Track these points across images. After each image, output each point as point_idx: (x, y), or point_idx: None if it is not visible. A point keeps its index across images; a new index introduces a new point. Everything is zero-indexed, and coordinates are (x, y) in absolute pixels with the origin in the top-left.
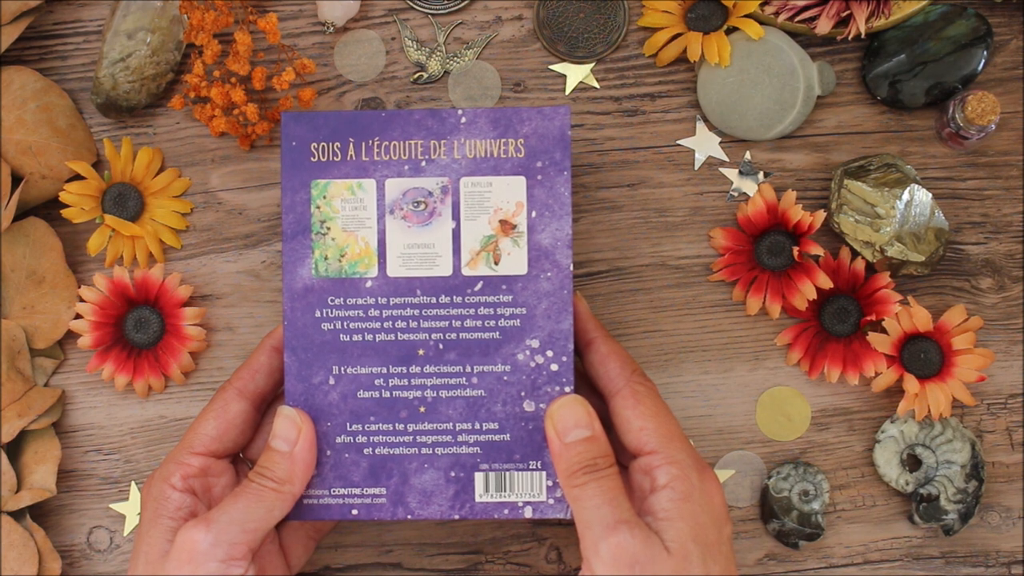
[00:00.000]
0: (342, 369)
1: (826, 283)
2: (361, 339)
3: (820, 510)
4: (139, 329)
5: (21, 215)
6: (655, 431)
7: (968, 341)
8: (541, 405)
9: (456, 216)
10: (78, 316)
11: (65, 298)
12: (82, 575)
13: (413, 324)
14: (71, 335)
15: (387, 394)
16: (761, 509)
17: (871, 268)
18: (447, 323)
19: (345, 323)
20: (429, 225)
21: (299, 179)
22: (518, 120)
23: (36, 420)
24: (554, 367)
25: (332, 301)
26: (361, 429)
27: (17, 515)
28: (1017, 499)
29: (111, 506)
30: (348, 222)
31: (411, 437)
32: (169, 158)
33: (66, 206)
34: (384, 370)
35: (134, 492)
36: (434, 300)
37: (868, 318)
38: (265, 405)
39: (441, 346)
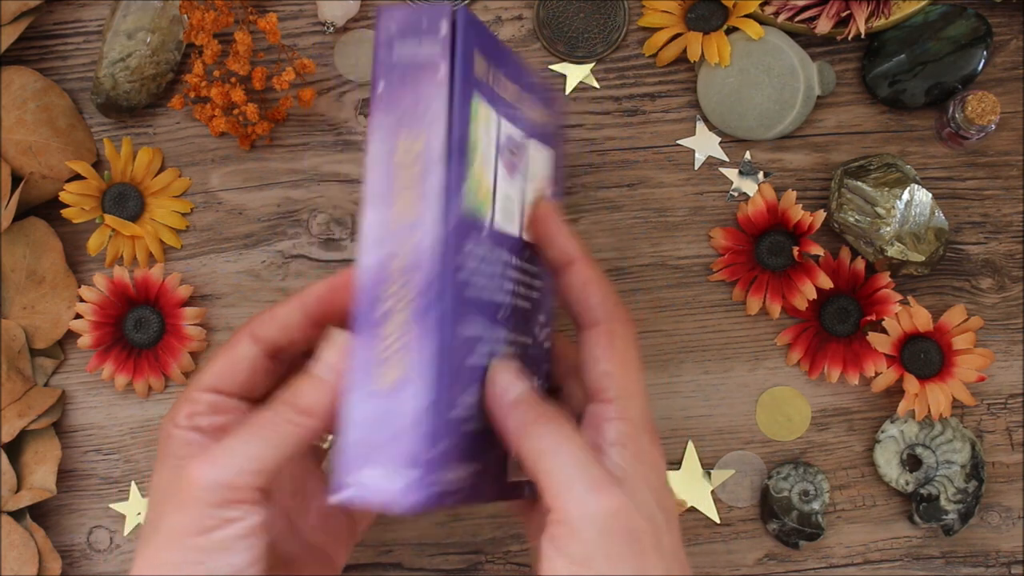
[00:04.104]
0: (459, 329)
1: (826, 283)
2: (475, 296)
3: (820, 510)
4: (139, 329)
5: (21, 215)
6: (619, 379)
7: (968, 341)
8: (540, 383)
9: (525, 176)
10: (78, 316)
11: (65, 298)
12: (82, 575)
13: (499, 284)
14: (71, 335)
15: (483, 362)
16: (761, 509)
17: (871, 268)
18: (513, 287)
19: (469, 275)
20: (514, 179)
21: (466, 89)
22: (551, 94)
23: (36, 420)
24: (547, 345)
25: (465, 246)
26: (463, 401)
27: (17, 515)
28: (1017, 499)
29: (111, 506)
30: (486, 154)
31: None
32: (169, 158)
33: (66, 206)
34: (484, 334)
35: (134, 492)
36: (512, 260)
37: (868, 318)
38: (282, 358)
39: (508, 311)
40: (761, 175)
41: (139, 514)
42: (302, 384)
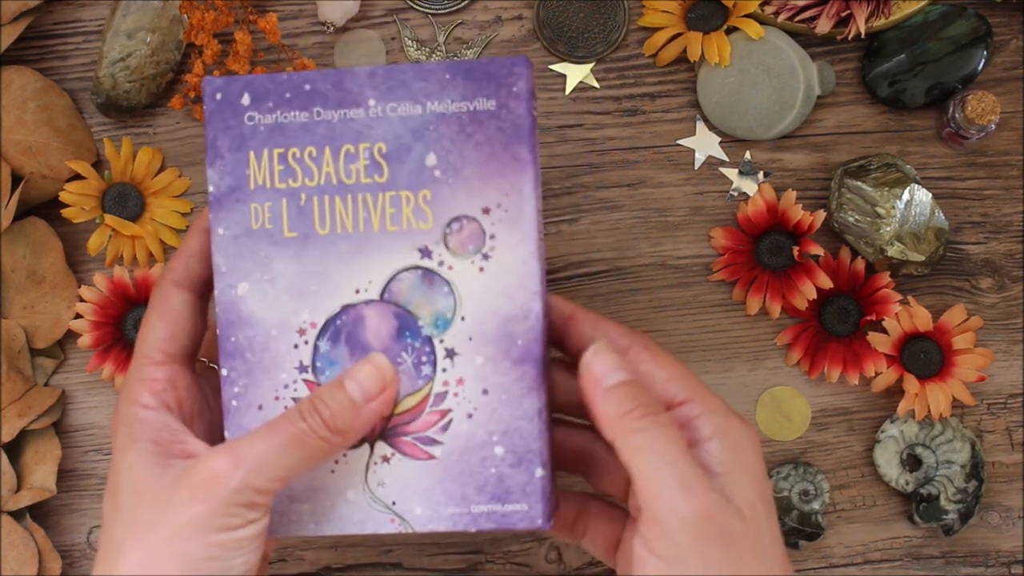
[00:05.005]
0: None
1: (826, 283)
2: None
3: (820, 510)
4: (139, 329)
5: (21, 215)
6: (683, 380)
7: (968, 341)
8: None
9: None
10: (78, 316)
11: (65, 298)
12: (82, 575)
13: None
14: (71, 335)
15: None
16: None
17: (871, 268)
18: None
19: None
20: None
21: None
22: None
23: (36, 420)
24: None
25: None
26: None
27: (17, 515)
28: (1017, 499)
29: None
30: None
31: None
32: (169, 158)
33: (66, 206)
34: None
35: None
36: None
37: (868, 318)
38: (209, 293)
39: None
40: (761, 175)
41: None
42: (339, 403)
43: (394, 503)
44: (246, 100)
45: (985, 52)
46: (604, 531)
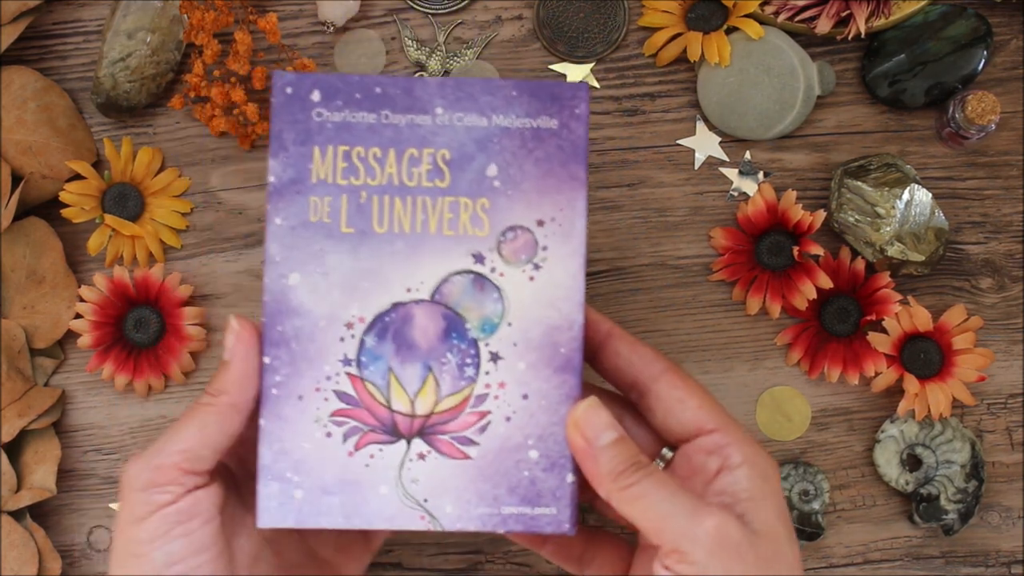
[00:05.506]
0: None
1: (826, 283)
2: None
3: (820, 510)
4: (139, 329)
5: (21, 215)
6: (711, 408)
7: (968, 341)
8: None
9: None
10: (78, 316)
11: (65, 298)
12: (82, 575)
13: None
14: (71, 335)
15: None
16: None
17: (871, 268)
18: None
19: None
20: None
21: None
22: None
23: (36, 420)
24: None
25: None
26: None
27: (17, 515)
28: (1017, 499)
29: (111, 506)
30: None
31: None
32: (169, 158)
33: (66, 206)
34: None
35: None
36: None
37: (868, 318)
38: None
39: None
40: (761, 175)
41: None
42: (216, 372)
43: (426, 500)
44: (316, 96)
45: (985, 52)
46: (612, 560)
